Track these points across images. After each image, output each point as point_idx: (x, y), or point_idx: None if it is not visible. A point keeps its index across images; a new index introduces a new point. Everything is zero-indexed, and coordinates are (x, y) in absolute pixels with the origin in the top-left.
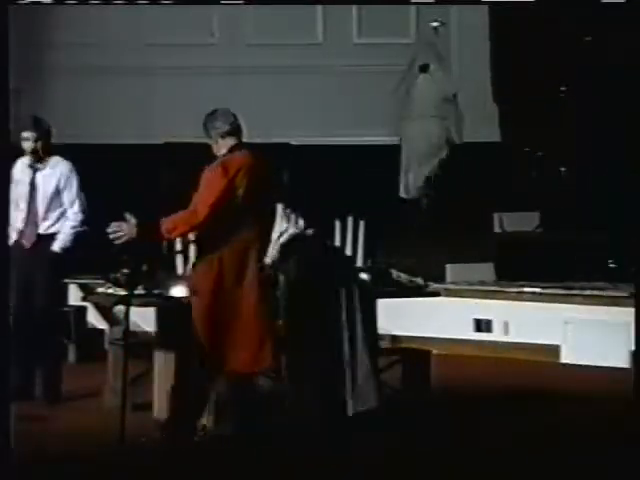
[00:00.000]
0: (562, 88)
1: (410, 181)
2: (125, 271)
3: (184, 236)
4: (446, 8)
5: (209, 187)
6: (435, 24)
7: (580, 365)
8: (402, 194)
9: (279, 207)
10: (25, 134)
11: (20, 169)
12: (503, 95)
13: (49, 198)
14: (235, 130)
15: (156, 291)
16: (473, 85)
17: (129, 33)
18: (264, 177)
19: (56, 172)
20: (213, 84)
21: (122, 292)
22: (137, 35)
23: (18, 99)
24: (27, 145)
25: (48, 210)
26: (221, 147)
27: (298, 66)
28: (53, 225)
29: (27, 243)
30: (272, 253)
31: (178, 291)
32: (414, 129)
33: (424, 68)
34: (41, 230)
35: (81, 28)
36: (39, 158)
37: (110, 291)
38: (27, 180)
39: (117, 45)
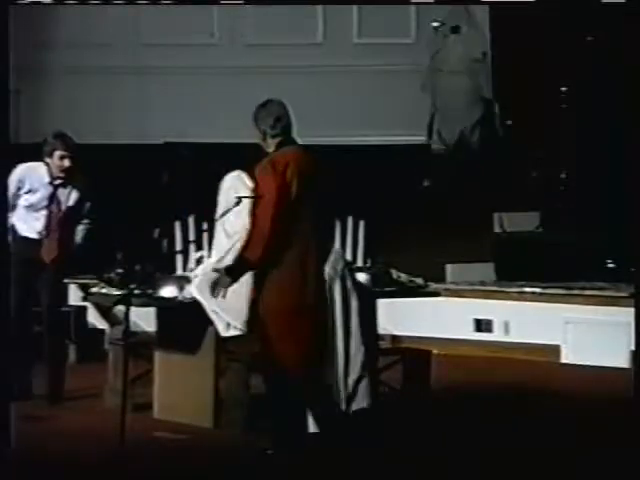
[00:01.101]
0: (563, 88)
1: (442, 133)
2: (119, 271)
3: (266, 252)
4: (446, 8)
5: (264, 193)
6: (435, 24)
7: (580, 365)
8: (432, 143)
9: None
10: (62, 152)
11: (32, 176)
12: (503, 94)
13: (71, 213)
14: (286, 127)
15: (149, 291)
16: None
17: (129, 33)
18: (313, 174)
19: (76, 188)
20: (213, 84)
21: (115, 292)
22: (137, 35)
23: (18, 99)
24: (66, 163)
25: (69, 224)
26: (270, 144)
27: (298, 66)
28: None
29: (47, 258)
30: None
31: (173, 291)
32: (446, 83)
33: (455, 29)
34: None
35: (80, 29)
36: (68, 176)
37: (104, 291)
38: (46, 193)
39: (117, 45)
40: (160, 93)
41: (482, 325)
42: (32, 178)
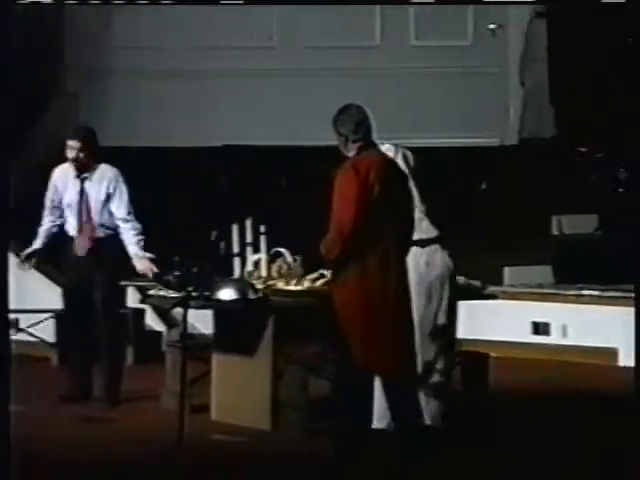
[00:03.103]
0: (622, 89)
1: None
2: (176, 273)
3: (343, 251)
4: (504, 9)
5: (344, 194)
6: (492, 26)
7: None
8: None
9: None
10: (70, 142)
11: (62, 177)
12: (561, 96)
13: (101, 206)
14: (367, 131)
15: (207, 293)
16: (531, 87)
17: (188, 36)
18: (395, 178)
19: (104, 180)
20: (271, 87)
21: (173, 294)
22: (196, 38)
23: (77, 102)
24: (70, 154)
25: (101, 218)
26: (351, 148)
27: (355, 68)
28: (107, 230)
29: (81, 251)
30: None
31: (231, 294)
32: (536, 71)
33: (540, 14)
34: (97, 236)
35: (142, 31)
36: (85, 167)
37: (161, 293)
38: (75, 190)
39: (176, 48)
40: (219, 96)
41: (540, 328)
42: (57, 175)
